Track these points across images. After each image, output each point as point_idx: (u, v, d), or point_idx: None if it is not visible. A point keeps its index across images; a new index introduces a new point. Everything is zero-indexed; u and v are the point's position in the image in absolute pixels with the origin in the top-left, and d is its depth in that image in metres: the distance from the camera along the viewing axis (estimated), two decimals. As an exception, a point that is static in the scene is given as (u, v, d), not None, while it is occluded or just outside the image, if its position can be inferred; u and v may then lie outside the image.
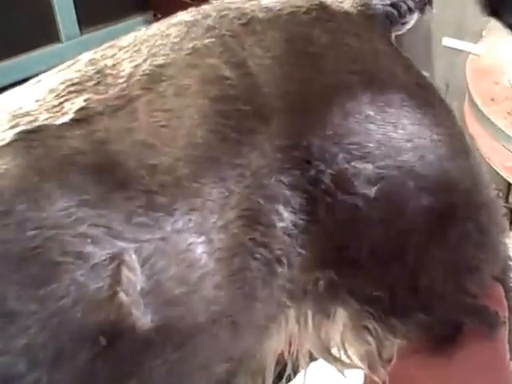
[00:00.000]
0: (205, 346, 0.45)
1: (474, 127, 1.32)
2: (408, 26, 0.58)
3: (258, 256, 0.46)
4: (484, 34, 1.50)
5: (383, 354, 0.52)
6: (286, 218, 0.47)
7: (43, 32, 1.76)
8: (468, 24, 1.80)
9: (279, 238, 0.47)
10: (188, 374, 0.45)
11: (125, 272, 0.42)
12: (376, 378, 0.52)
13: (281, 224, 0.47)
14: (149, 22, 1.86)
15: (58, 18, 1.77)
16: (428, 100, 0.53)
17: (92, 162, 0.43)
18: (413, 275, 0.50)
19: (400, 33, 0.58)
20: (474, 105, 1.34)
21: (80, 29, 1.81)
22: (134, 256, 0.42)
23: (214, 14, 0.51)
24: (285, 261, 0.48)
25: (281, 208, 0.47)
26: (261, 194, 0.47)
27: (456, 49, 1.58)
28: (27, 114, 0.44)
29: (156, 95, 0.45)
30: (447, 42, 1.60)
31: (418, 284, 0.50)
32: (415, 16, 0.58)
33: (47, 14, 1.74)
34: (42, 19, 1.74)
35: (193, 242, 0.44)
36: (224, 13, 0.51)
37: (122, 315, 0.42)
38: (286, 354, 0.57)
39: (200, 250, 0.44)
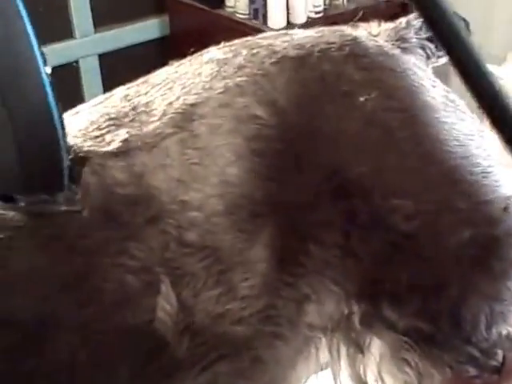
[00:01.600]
0: (228, 374, 0.47)
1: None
2: (445, 59, 0.58)
3: (284, 295, 0.47)
4: (508, 57, 1.49)
5: None
6: (316, 256, 0.48)
7: (58, 28, 1.78)
8: (491, 47, 1.80)
9: (308, 276, 0.48)
10: None
11: (161, 302, 0.44)
12: None
13: (310, 262, 0.48)
14: (164, 26, 1.88)
15: (73, 14, 1.79)
16: (467, 132, 0.53)
17: (130, 193, 0.45)
18: (456, 308, 0.50)
19: (437, 65, 0.58)
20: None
21: (94, 26, 1.83)
22: (169, 287, 0.44)
23: (245, 52, 0.51)
24: (314, 298, 0.48)
25: (311, 246, 0.48)
26: (290, 231, 0.47)
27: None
28: (73, 145, 0.46)
29: (188, 134, 0.47)
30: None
31: (461, 316, 0.50)
32: None
33: (62, 10, 1.76)
34: (57, 15, 1.76)
35: (218, 279, 0.46)
36: (255, 51, 0.51)
37: (157, 341, 0.44)
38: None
39: (225, 286, 0.46)
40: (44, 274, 0.43)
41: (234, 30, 1.66)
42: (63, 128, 0.37)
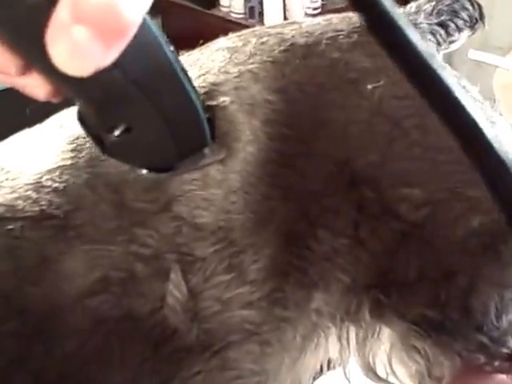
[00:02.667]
0: (237, 359, 0.47)
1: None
2: (457, 45, 0.57)
3: (292, 279, 0.47)
4: (513, 47, 1.49)
5: (433, 373, 0.52)
6: (325, 242, 0.48)
7: None
8: (493, 38, 1.80)
9: (316, 262, 0.48)
10: (221, 382, 0.47)
11: (170, 289, 0.44)
12: None
13: (319, 248, 0.47)
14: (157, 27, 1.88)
15: None
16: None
17: (143, 182, 0.44)
18: (466, 296, 0.50)
19: (448, 51, 0.58)
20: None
21: None
22: (179, 274, 0.44)
23: (254, 41, 0.51)
24: (322, 285, 0.48)
25: (320, 232, 0.47)
26: (301, 216, 0.47)
27: (482, 62, 1.58)
28: (78, 136, 0.47)
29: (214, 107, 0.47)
30: (474, 55, 1.59)
31: (471, 304, 0.50)
32: (465, 34, 0.57)
33: None
34: None
35: (229, 263, 0.46)
36: (264, 39, 0.51)
37: (166, 328, 0.44)
38: (325, 367, 0.58)
39: (235, 271, 0.46)
40: (52, 264, 0.43)
41: (230, 29, 1.65)
42: (195, 91, 0.41)
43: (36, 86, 0.33)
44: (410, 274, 0.49)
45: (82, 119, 0.41)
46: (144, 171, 0.43)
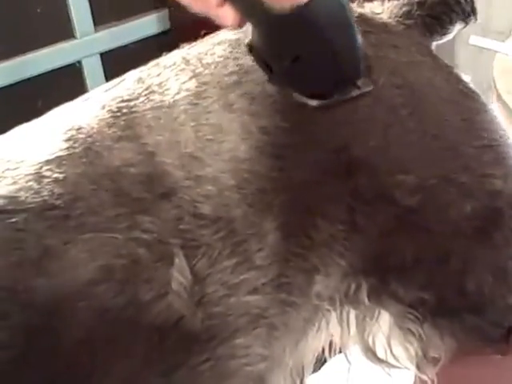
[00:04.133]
0: (246, 345, 0.48)
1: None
2: (449, 36, 0.58)
3: (294, 265, 0.49)
4: (512, 33, 1.49)
5: (430, 354, 0.53)
6: (323, 229, 0.49)
7: (58, 28, 1.78)
8: (493, 23, 1.80)
9: (316, 248, 0.49)
10: (229, 370, 0.48)
11: (175, 274, 0.45)
12: (424, 378, 0.54)
13: (317, 235, 0.49)
14: (164, 20, 1.88)
15: (73, 14, 1.78)
16: (470, 107, 0.54)
17: (142, 172, 0.46)
18: (460, 278, 0.51)
19: (441, 42, 0.59)
20: (503, 103, 1.34)
21: (94, 25, 1.82)
22: (183, 259, 0.45)
23: None
24: (322, 269, 0.50)
25: (318, 220, 0.49)
26: (298, 206, 0.49)
27: (482, 47, 1.58)
28: (80, 127, 0.47)
29: (202, 110, 0.48)
30: (474, 40, 1.59)
31: (466, 287, 0.51)
32: (457, 26, 0.58)
33: (62, 10, 1.76)
34: (57, 15, 1.76)
35: (233, 250, 0.47)
36: None
37: (172, 314, 0.45)
38: (327, 351, 0.60)
39: (240, 257, 0.47)
40: (55, 254, 0.43)
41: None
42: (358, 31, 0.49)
43: (227, 16, 0.42)
44: (406, 257, 0.50)
45: (251, 48, 0.48)
46: (306, 99, 0.49)
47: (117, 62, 1.84)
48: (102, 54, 1.88)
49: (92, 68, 1.87)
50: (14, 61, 1.71)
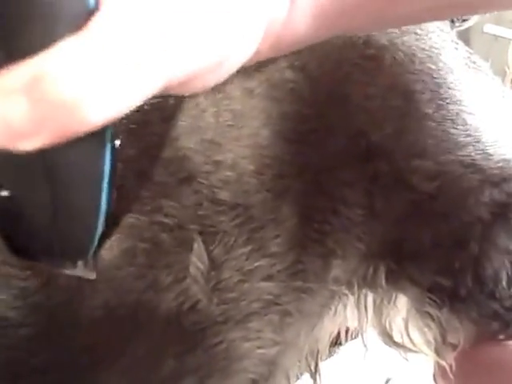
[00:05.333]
0: (259, 329, 0.48)
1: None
2: (470, 23, 0.59)
3: (311, 251, 0.49)
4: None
5: (448, 339, 0.54)
6: (341, 214, 0.49)
7: None
8: (508, 12, 1.79)
9: (334, 233, 0.49)
10: (242, 352, 0.48)
11: (193, 259, 0.45)
12: (443, 363, 0.54)
13: (336, 220, 0.49)
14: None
15: None
16: (489, 94, 0.55)
17: (165, 156, 0.46)
18: (478, 264, 0.51)
19: (461, 29, 0.59)
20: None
21: None
22: (201, 245, 0.45)
23: None
24: (340, 254, 0.50)
25: (337, 205, 0.49)
26: (317, 191, 0.49)
27: (497, 36, 1.58)
28: None
29: (223, 96, 0.48)
30: (489, 28, 1.59)
31: (483, 272, 0.51)
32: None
33: None
34: None
35: (250, 237, 0.47)
36: None
37: (188, 299, 0.45)
38: (343, 334, 0.60)
39: (256, 244, 0.47)
40: None
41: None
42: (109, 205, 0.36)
43: None
44: (423, 242, 0.51)
45: None
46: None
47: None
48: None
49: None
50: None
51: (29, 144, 0.25)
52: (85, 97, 0.24)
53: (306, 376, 0.58)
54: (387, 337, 0.56)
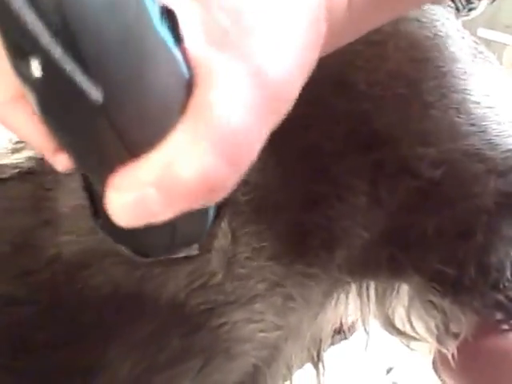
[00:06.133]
0: (262, 312, 0.48)
1: None
2: (476, 12, 0.59)
3: (315, 235, 0.49)
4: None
5: (451, 329, 0.53)
6: (347, 200, 0.49)
7: None
8: (502, 17, 1.80)
9: (338, 219, 0.49)
10: (244, 334, 0.48)
11: (219, 233, 0.46)
12: (444, 351, 0.54)
13: (341, 206, 0.49)
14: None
15: None
16: (494, 83, 0.54)
17: None
18: (482, 254, 0.51)
19: (467, 18, 0.59)
20: (511, 96, 1.34)
21: None
22: (225, 219, 0.46)
23: None
24: (344, 240, 0.50)
25: (342, 191, 0.49)
26: (323, 176, 0.49)
27: (491, 40, 1.59)
28: None
29: None
30: (483, 33, 1.60)
31: (488, 262, 0.51)
32: (484, 2, 0.58)
33: None
34: None
35: (258, 215, 0.47)
36: None
37: (205, 274, 0.46)
38: (346, 325, 0.60)
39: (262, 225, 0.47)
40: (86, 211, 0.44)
41: None
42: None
43: (61, 164, 0.29)
44: (427, 231, 0.50)
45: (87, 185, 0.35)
46: (130, 253, 0.37)
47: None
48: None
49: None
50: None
51: (160, 218, 0.26)
52: (216, 181, 0.25)
53: (308, 366, 0.58)
54: (390, 325, 0.55)
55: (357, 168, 0.49)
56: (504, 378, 0.51)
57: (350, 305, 0.56)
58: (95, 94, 0.23)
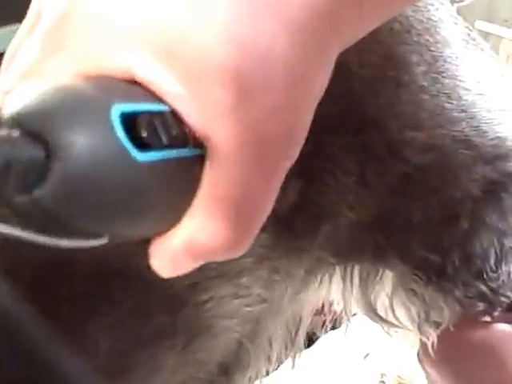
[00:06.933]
0: (249, 286, 0.48)
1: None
2: (472, -1, 0.58)
3: (304, 209, 0.48)
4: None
5: (432, 317, 0.53)
6: (338, 177, 0.49)
7: None
8: (499, 10, 1.80)
9: (329, 195, 0.49)
10: (229, 310, 0.48)
11: None
12: (424, 339, 0.54)
13: (334, 182, 0.49)
14: None
15: None
16: (486, 71, 0.54)
17: None
18: (466, 242, 0.51)
19: (462, 4, 0.58)
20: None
21: None
22: None
23: None
24: (331, 219, 0.49)
25: (335, 168, 0.48)
26: (319, 151, 0.48)
27: (488, 33, 1.58)
28: None
29: None
30: (480, 25, 1.59)
31: (472, 250, 0.51)
32: None
33: None
34: None
35: None
36: None
37: None
38: (327, 309, 0.60)
39: None
40: None
41: None
42: None
43: None
44: (413, 217, 0.50)
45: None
46: None
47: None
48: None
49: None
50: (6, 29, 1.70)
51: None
52: (232, 244, 0.28)
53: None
54: (372, 311, 0.55)
55: (347, 147, 0.49)
56: (485, 370, 0.51)
57: (333, 289, 0.55)
58: (99, 240, 0.25)
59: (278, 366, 0.58)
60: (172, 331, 0.46)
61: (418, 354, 0.55)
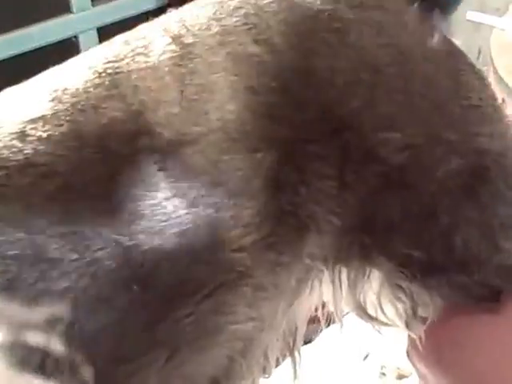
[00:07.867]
0: (231, 303, 0.48)
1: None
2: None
3: (284, 223, 0.49)
4: (510, 8, 1.50)
5: (419, 313, 0.54)
6: (313, 186, 0.49)
7: (55, 3, 1.78)
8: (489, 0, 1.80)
9: (306, 205, 0.49)
10: (213, 326, 0.48)
11: None
12: (412, 335, 0.55)
13: (306, 191, 0.49)
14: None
15: None
16: (458, 67, 0.55)
17: (129, 130, 0.46)
18: (447, 236, 0.52)
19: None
20: (498, 78, 1.34)
21: (91, 0, 1.83)
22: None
23: None
24: (313, 228, 0.50)
25: (307, 177, 0.49)
26: (289, 164, 0.49)
27: (479, 23, 1.59)
28: (66, 88, 0.47)
29: (186, 71, 0.48)
30: (471, 16, 1.60)
31: (453, 244, 0.52)
32: None
33: None
34: None
35: (220, 207, 0.47)
36: None
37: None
38: (320, 312, 0.61)
39: (228, 213, 0.47)
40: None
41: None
42: None
43: None
44: (394, 215, 0.51)
45: None
46: None
47: (114, 37, 1.84)
48: (98, 29, 1.88)
49: (88, 43, 1.88)
50: (11, 35, 1.71)
51: None
52: None
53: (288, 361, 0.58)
54: (361, 311, 0.56)
55: (323, 154, 0.50)
56: (471, 360, 0.52)
57: (324, 293, 0.56)
58: None
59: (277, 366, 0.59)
60: (150, 345, 0.45)
61: (407, 351, 0.56)
